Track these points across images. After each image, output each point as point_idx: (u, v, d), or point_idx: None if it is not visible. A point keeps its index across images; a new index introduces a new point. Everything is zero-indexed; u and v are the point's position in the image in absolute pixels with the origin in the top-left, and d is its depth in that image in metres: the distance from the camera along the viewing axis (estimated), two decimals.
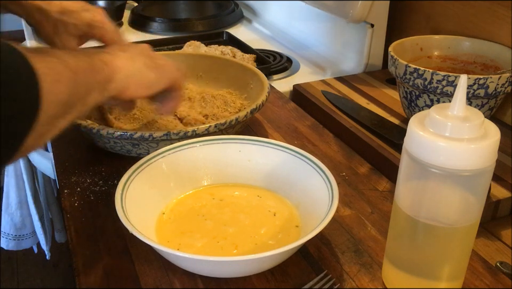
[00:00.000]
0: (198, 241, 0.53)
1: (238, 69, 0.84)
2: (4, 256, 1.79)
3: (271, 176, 0.61)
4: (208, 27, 1.35)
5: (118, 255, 0.54)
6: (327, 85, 0.96)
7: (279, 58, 1.12)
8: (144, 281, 0.51)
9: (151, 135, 0.63)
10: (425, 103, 0.73)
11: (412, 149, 0.42)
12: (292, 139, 0.76)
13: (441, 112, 0.41)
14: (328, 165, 0.63)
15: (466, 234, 0.45)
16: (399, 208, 0.46)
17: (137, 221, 0.50)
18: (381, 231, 0.57)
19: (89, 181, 0.66)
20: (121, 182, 0.54)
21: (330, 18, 1.12)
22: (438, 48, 0.86)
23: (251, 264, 0.48)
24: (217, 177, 0.63)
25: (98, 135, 0.65)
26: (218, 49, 1.05)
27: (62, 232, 1.13)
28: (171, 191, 0.60)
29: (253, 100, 0.76)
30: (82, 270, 0.52)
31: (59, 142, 0.76)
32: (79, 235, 0.57)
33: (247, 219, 0.57)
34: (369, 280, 0.51)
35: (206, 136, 0.64)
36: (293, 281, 0.51)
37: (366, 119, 0.81)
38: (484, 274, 0.51)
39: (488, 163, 0.41)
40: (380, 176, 0.67)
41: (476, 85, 0.68)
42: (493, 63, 0.81)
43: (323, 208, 0.52)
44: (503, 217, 0.65)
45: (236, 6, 1.47)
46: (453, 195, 0.42)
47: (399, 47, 0.81)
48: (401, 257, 0.48)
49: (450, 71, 0.83)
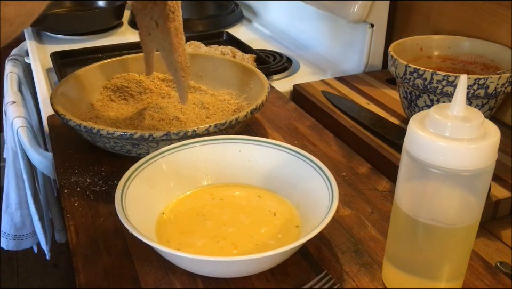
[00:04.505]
0: (198, 241, 0.53)
1: (238, 69, 0.84)
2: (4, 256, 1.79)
3: (271, 176, 0.61)
4: (208, 27, 1.35)
5: (118, 255, 0.54)
6: (327, 85, 0.96)
7: (279, 58, 1.12)
8: (144, 281, 0.51)
9: (151, 135, 0.63)
10: (425, 103, 0.74)
11: (412, 149, 0.42)
12: (292, 139, 0.76)
13: (441, 112, 0.41)
14: (328, 165, 0.63)
15: (466, 234, 0.45)
16: (399, 208, 0.46)
17: (137, 221, 0.50)
18: (381, 231, 0.57)
19: (89, 181, 0.66)
20: (121, 182, 0.54)
21: (330, 18, 1.12)
22: (438, 48, 0.86)
23: (251, 264, 0.48)
24: (217, 177, 0.63)
25: (98, 135, 0.65)
26: (218, 49, 1.05)
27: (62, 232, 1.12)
28: (171, 191, 0.60)
29: (253, 100, 0.76)
30: (82, 270, 0.52)
31: (59, 142, 0.76)
32: (79, 235, 0.57)
33: (247, 219, 0.57)
34: (369, 280, 0.51)
35: (206, 136, 0.64)
36: (293, 281, 0.51)
37: (366, 119, 0.81)
38: (483, 274, 0.51)
39: (488, 163, 0.41)
40: (380, 176, 0.67)
41: (475, 85, 0.68)
42: (493, 63, 0.81)
43: (323, 208, 0.52)
44: (503, 217, 0.65)
45: (236, 6, 1.47)
46: (453, 195, 0.42)
47: (399, 47, 0.81)
48: (401, 257, 0.48)
49: (450, 71, 0.83)
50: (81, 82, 0.80)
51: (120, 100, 0.82)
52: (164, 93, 0.83)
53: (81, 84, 0.80)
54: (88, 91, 0.81)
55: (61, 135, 0.78)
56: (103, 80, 0.83)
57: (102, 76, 0.83)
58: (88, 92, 0.81)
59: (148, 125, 0.73)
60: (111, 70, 0.85)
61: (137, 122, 0.74)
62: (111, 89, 0.82)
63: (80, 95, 0.79)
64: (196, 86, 0.85)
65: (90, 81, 0.82)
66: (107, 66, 0.85)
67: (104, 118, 0.76)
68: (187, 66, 0.69)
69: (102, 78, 0.83)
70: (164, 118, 0.74)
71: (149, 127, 0.73)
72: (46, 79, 1.04)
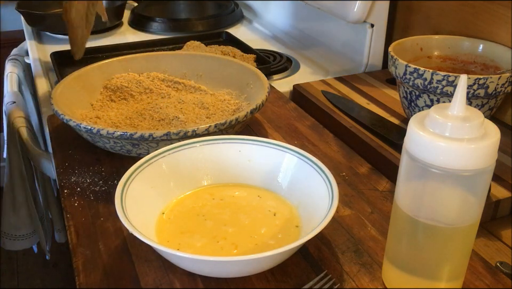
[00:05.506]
0: (197, 241, 0.53)
1: (238, 69, 0.84)
2: (4, 256, 1.80)
3: (271, 176, 0.61)
4: (208, 27, 1.35)
5: (118, 255, 0.54)
6: (327, 85, 0.96)
7: (279, 58, 1.12)
8: (144, 281, 0.51)
9: (151, 135, 0.63)
10: (425, 103, 0.74)
11: (412, 149, 0.42)
12: (292, 139, 0.76)
13: (441, 112, 0.41)
14: (328, 165, 0.63)
15: (466, 234, 0.45)
16: (399, 208, 0.46)
17: (137, 221, 0.50)
18: (381, 231, 0.57)
19: (89, 181, 0.66)
20: (121, 182, 0.54)
21: (330, 18, 1.12)
22: (438, 48, 0.86)
23: (251, 264, 0.48)
24: (217, 177, 0.63)
25: (98, 135, 0.65)
26: (218, 49, 1.05)
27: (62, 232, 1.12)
28: (171, 191, 0.60)
29: (253, 100, 0.76)
30: (82, 270, 0.52)
31: (59, 142, 0.76)
32: (79, 235, 0.57)
33: (247, 219, 0.57)
34: (369, 280, 0.51)
35: (206, 136, 0.64)
36: (293, 281, 0.51)
37: (366, 119, 0.81)
38: (484, 274, 0.51)
39: (488, 163, 0.41)
40: (380, 176, 0.67)
41: (475, 85, 0.68)
42: (493, 63, 0.81)
43: (323, 208, 0.52)
44: (503, 217, 0.65)
45: (236, 6, 1.47)
46: (453, 195, 0.42)
47: (399, 47, 0.81)
48: (401, 257, 0.48)
49: (450, 71, 0.83)
50: (81, 82, 0.80)
51: (120, 100, 0.82)
52: (164, 93, 0.83)
53: (81, 84, 0.80)
54: (88, 91, 0.81)
55: (61, 135, 0.78)
56: (103, 80, 0.83)
57: (102, 76, 0.83)
58: (88, 92, 0.81)
59: (148, 125, 0.73)
60: (111, 70, 0.85)
61: (137, 122, 0.74)
62: (111, 89, 0.82)
63: (80, 95, 0.79)
64: (196, 86, 0.85)
65: (90, 81, 0.82)
66: (107, 66, 0.85)
67: (104, 118, 0.76)
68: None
69: (102, 78, 0.83)
70: (164, 118, 0.74)
71: (149, 127, 0.73)
72: (46, 79, 1.04)
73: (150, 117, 0.74)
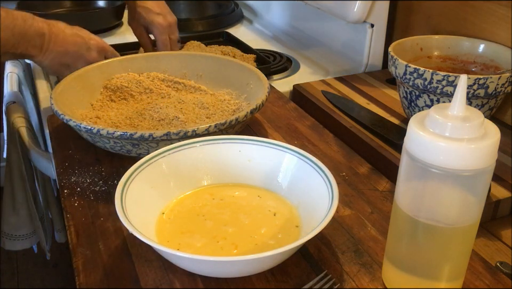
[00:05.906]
0: (197, 241, 0.53)
1: (238, 69, 0.84)
2: (4, 256, 1.80)
3: (271, 176, 0.61)
4: (208, 27, 1.35)
5: (118, 255, 0.54)
6: (327, 85, 0.96)
7: (279, 58, 1.12)
8: (144, 281, 0.51)
9: (151, 135, 0.63)
10: (425, 103, 0.74)
11: (412, 149, 0.42)
12: (292, 139, 0.76)
13: (441, 112, 0.41)
14: (328, 165, 0.63)
15: (466, 234, 0.45)
16: (399, 208, 0.46)
17: (137, 221, 0.50)
18: (381, 231, 0.57)
19: (89, 181, 0.66)
20: (121, 182, 0.54)
21: (330, 18, 1.12)
22: (438, 48, 0.86)
23: (251, 264, 0.48)
24: (217, 177, 0.63)
25: (98, 135, 0.65)
26: (218, 49, 1.05)
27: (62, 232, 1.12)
28: (171, 191, 0.60)
29: (253, 100, 0.76)
30: (82, 270, 0.52)
31: (59, 142, 0.76)
32: (79, 235, 0.57)
33: (247, 219, 0.57)
34: (369, 280, 0.51)
35: (206, 136, 0.64)
36: (293, 281, 0.51)
37: (366, 119, 0.81)
38: (484, 274, 0.51)
39: (488, 163, 0.41)
40: (380, 176, 0.67)
41: (476, 85, 0.68)
42: (493, 63, 0.81)
43: (323, 208, 0.52)
44: (503, 217, 0.65)
45: (236, 6, 1.47)
46: (453, 195, 0.42)
47: (399, 47, 0.81)
48: (401, 257, 0.48)
49: (450, 71, 0.83)
50: (81, 82, 0.80)
51: (120, 100, 0.82)
52: (164, 93, 0.83)
53: (81, 84, 0.80)
54: (88, 91, 0.81)
55: (61, 135, 0.78)
56: (103, 80, 0.83)
57: (102, 76, 0.83)
58: (88, 92, 0.81)
59: (148, 125, 0.73)
60: (111, 70, 0.85)
61: (137, 122, 0.74)
62: (111, 89, 0.82)
63: (80, 95, 0.79)
64: (196, 86, 0.85)
65: (90, 81, 0.82)
66: (107, 66, 0.85)
67: (104, 118, 0.76)
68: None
69: (102, 78, 0.83)
70: (164, 118, 0.74)
71: (149, 127, 0.73)
72: (46, 79, 1.04)
73: (150, 117, 0.74)
